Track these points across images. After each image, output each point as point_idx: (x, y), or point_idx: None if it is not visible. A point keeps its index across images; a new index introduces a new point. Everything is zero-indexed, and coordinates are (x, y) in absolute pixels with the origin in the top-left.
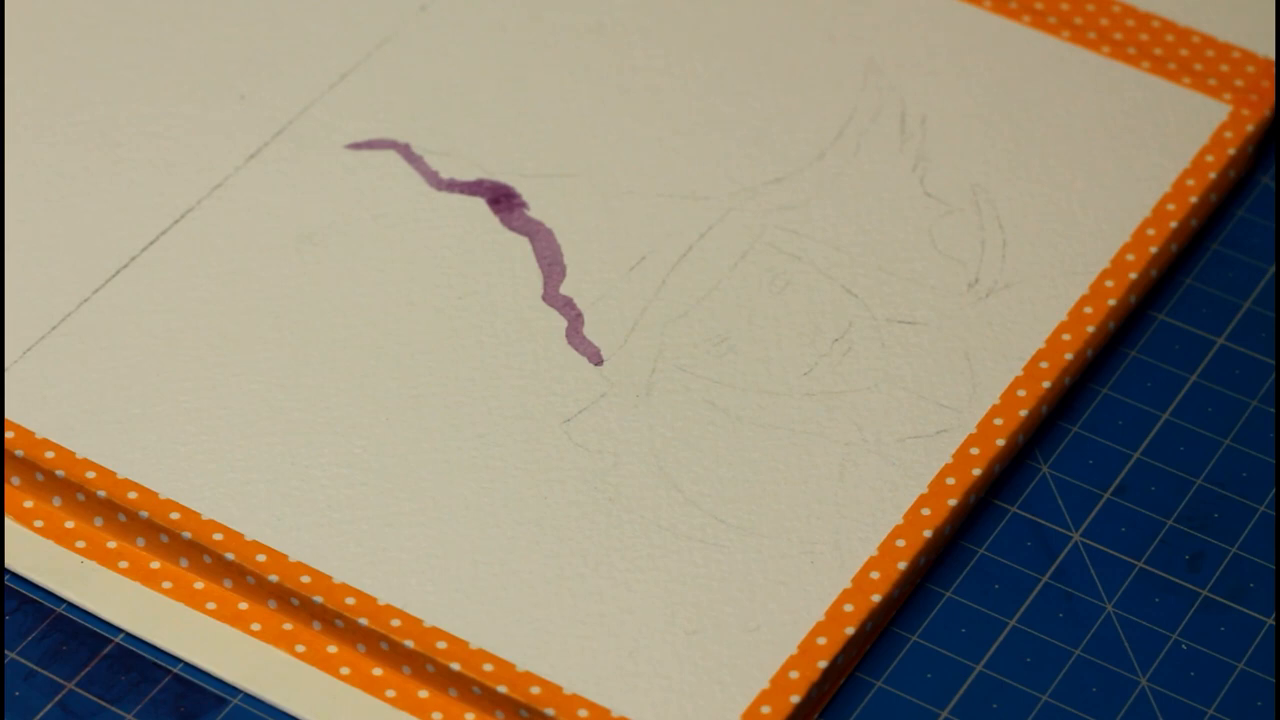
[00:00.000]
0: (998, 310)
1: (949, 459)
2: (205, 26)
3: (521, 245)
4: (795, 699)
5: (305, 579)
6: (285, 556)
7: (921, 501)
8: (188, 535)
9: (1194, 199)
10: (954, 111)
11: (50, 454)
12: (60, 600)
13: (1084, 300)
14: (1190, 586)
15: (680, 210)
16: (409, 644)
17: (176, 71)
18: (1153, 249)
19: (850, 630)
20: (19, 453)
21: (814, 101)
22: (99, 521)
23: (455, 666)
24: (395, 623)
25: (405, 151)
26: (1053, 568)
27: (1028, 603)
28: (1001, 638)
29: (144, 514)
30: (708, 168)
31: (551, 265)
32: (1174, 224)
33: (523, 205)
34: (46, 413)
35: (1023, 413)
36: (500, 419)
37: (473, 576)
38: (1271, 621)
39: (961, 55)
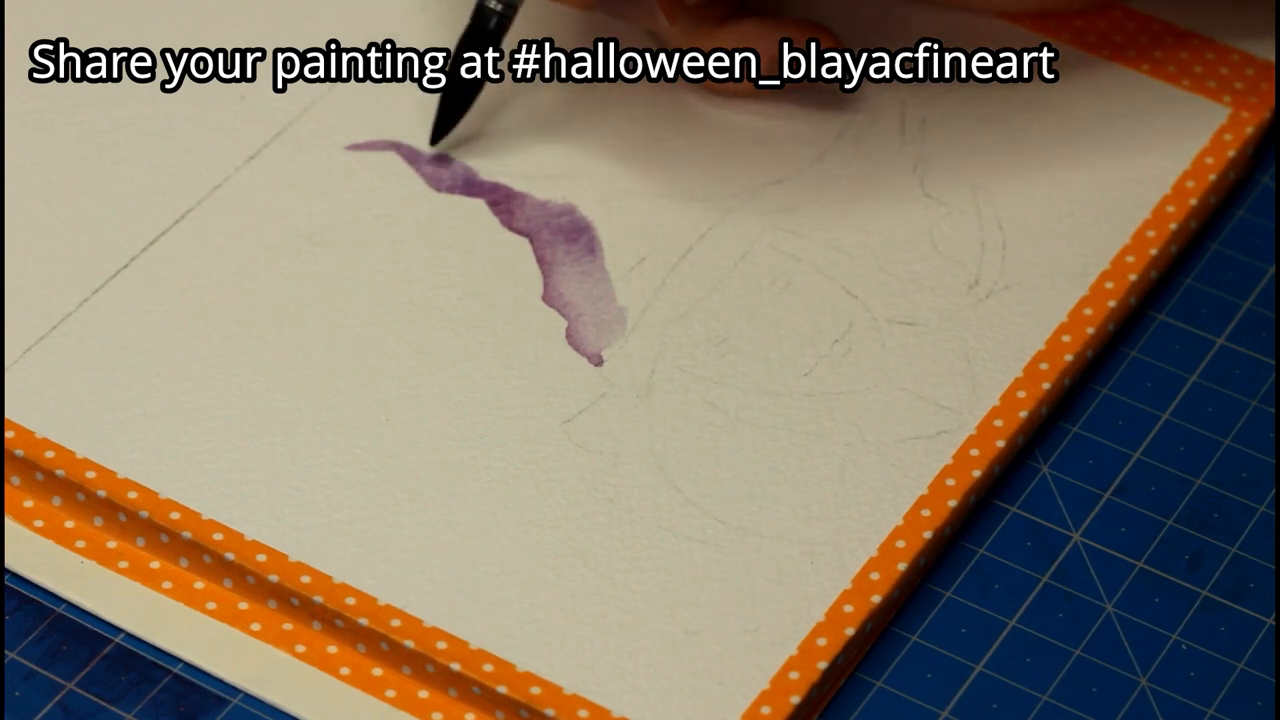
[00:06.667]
0: (998, 311)
1: (949, 460)
2: (205, 26)
3: (521, 245)
4: (795, 699)
5: (305, 579)
6: (285, 556)
7: (921, 502)
8: (188, 535)
9: (1194, 201)
10: (954, 113)
11: (50, 454)
12: (60, 600)
13: (1084, 301)
14: (1190, 586)
15: (680, 210)
16: (409, 644)
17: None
18: (1152, 250)
19: (850, 631)
20: (19, 453)
21: (814, 103)
22: (99, 521)
23: (455, 666)
24: (395, 623)
25: (405, 152)
26: (1053, 568)
27: (1028, 603)
28: (1001, 638)
29: (144, 514)
30: (707, 168)
31: (551, 266)
32: (1174, 225)
33: (522, 205)
34: (46, 413)
35: (1022, 414)
36: (500, 419)
37: (473, 576)
38: (1271, 621)
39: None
